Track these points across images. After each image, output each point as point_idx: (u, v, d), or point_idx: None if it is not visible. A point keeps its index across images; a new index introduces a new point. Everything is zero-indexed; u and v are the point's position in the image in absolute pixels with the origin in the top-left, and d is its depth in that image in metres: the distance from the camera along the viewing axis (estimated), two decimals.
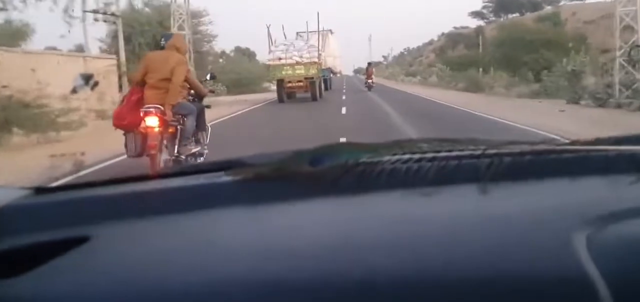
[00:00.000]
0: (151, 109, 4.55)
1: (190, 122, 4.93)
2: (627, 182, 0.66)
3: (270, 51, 19.95)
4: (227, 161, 0.83)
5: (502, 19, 61.54)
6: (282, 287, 0.50)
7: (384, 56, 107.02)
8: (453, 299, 0.47)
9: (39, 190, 0.75)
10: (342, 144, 0.80)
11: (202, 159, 5.18)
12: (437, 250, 0.53)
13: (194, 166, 1.22)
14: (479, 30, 53.62)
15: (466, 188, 0.67)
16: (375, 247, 0.55)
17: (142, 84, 4.82)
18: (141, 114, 4.56)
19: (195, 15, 28.35)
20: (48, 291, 0.52)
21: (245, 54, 62.79)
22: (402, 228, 0.60)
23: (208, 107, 5.65)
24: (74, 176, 4.89)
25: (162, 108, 4.59)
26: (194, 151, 5.06)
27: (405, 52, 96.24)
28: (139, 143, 4.69)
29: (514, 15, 63.51)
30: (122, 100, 5.06)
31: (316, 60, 19.20)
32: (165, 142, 4.78)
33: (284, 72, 19.14)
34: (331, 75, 27.28)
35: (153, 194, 0.75)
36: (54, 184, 0.85)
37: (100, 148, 6.90)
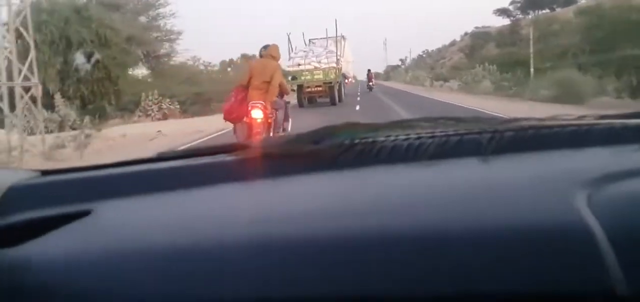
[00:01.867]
0: (257, 104, 5.93)
1: (281, 114, 6.57)
2: (631, 149, 0.66)
3: (289, 58, 20.05)
4: (231, 144, 0.84)
5: (530, 16, 55.90)
6: (275, 248, 0.51)
7: (401, 60, 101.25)
8: (452, 255, 0.48)
9: (45, 172, 0.78)
10: (344, 124, 0.81)
11: None
12: (439, 211, 0.54)
13: (199, 148, 0.86)
14: (513, 26, 47.84)
15: (467, 160, 0.68)
16: (375, 210, 0.56)
17: (246, 86, 6.12)
18: (249, 108, 5.92)
19: (149, 6, 21.04)
20: (50, 256, 0.55)
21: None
22: (403, 192, 0.61)
23: (288, 102, 7.09)
24: None
25: (263, 103, 5.96)
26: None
27: (424, 55, 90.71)
28: (245, 131, 5.99)
29: (544, 11, 58.04)
30: (229, 99, 6.34)
31: (334, 65, 19.42)
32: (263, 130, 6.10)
33: (303, 78, 19.45)
34: (346, 80, 25.87)
35: (156, 172, 0.76)
36: (59, 168, 0.86)
37: None
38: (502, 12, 64.54)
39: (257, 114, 5.93)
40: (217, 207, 0.65)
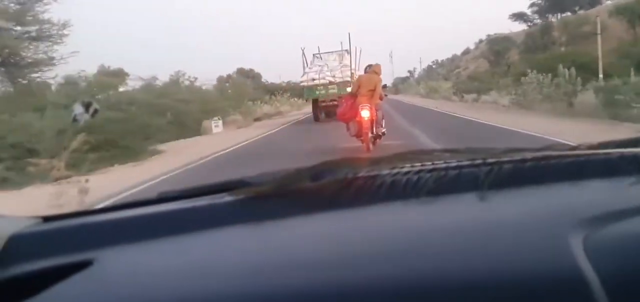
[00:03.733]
0: (365, 107, 8.24)
1: (380, 114, 8.94)
2: (628, 183, 0.65)
3: (304, 72, 20.50)
4: (229, 181, 0.82)
5: (547, 20, 50.90)
6: (280, 300, 0.51)
7: (409, 71, 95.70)
8: None
9: (47, 218, 0.77)
10: (343, 159, 0.80)
11: (382, 136, 8.96)
12: (436, 258, 0.54)
13: (199, 187, 0.86)
14: (544, 28, 42.54)
15: (465, 196, 0.67)
16: (374, 257, 0.56)
17: (354, 95, 8.65)
18: (359, 110, 8.23)
19: None
20: None
21: (250, 76, 53.12)
22: (401, 237, 0.61)
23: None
24: None
25: (369, 106, 8.30)
26: (382, 131, 9.00)
27: (434, 65, 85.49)
28: (356, 128, 8.52)
29: (565, 14, 53.10)
30: (341, 105, 9.01)
31: (349, 79, 19.37)
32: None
33: (317, 92, 19.91)
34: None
35: (156, 217, 0.75)
36: (61, 212, 0.82)
37: None
38: (518, 16, 59.85)
39: (365, 114, 8.25)
40: (218, 256, 0.64)
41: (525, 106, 18.58)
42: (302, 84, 20.63)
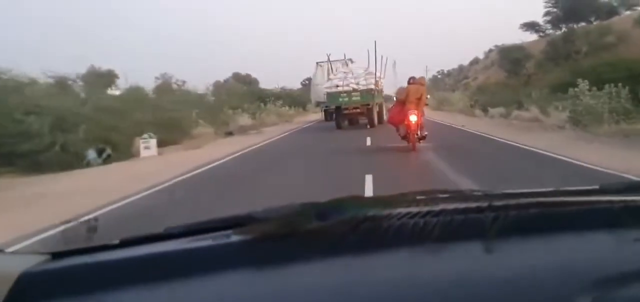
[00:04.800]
0: (413, 112, 10.46)
1: (423, 118, 10.96)
2: (631, 238, 0.66)
3: (328, 79, 21.02)
4: (235, 217, 0.82)
5: (562, 30, 47.72)
6: None
7: None
8: None
9: (55, 255, 0.76)
10: (350, 197, 0.79)
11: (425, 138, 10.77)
12: None
13: (204, 223, 0.89)
14: (566, 36, 39.15)
15: (471, 245, 0.67)
16: None
17: (402, 102, 10.83)
18: (408, 115, 10.41)
19: None
20: None
21: (246, 81, 49.56)
22: (407, 289, 0.61)
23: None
24: None
25: (416, 112, 10.39)
26: (425, 133, 11.07)
27: (440, 75, 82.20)
28: (404, 130, 10.72)
29: (580, 24, 49.95)
30: (390, 111, 11.91)
31: (373, 86, 19.66)
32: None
33: (340, 100, 19.87)
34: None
35: (163, 257, 0.74)
36: (69, 249, 0.80)
37: None
38: (530, 26, 56.67)
39: (413, 118, 10.44)
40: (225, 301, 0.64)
41: (586, 126, 14.78)
42: (325, 90, 20.81)
